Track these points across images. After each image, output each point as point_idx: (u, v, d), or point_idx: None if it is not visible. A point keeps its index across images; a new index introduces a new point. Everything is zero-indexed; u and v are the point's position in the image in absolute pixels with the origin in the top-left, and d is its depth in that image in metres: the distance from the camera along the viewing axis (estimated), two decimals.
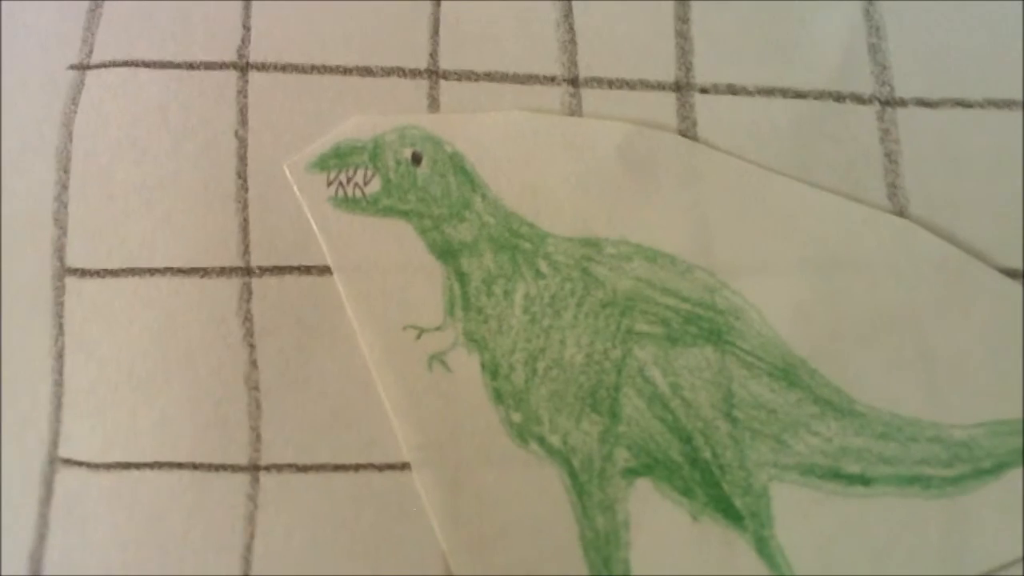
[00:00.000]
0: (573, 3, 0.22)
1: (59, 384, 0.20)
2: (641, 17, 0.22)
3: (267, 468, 0.20)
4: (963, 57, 0.22)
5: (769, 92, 0.21)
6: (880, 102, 0.21)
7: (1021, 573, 0.19)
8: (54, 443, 0.20)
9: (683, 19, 0.22)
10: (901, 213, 0.21)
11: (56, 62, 0.22)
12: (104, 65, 0.21)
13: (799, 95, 0.22)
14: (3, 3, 0.22)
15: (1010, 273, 0.21)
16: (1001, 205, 0.21)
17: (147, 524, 0.19)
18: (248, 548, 0.19)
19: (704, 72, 0.21)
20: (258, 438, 0.20)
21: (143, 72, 0.21)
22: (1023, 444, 0.20)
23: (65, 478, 0.20)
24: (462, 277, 0.20)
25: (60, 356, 0.20)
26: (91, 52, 0.22)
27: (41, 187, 0.21)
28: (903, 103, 0.21)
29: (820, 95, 0.21)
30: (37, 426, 0.20)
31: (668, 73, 0.21)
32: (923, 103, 0.22)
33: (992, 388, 0.20)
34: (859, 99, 0.22)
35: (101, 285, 0.20)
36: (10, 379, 0.20)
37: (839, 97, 0.22)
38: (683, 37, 0.22)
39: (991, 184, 0.21)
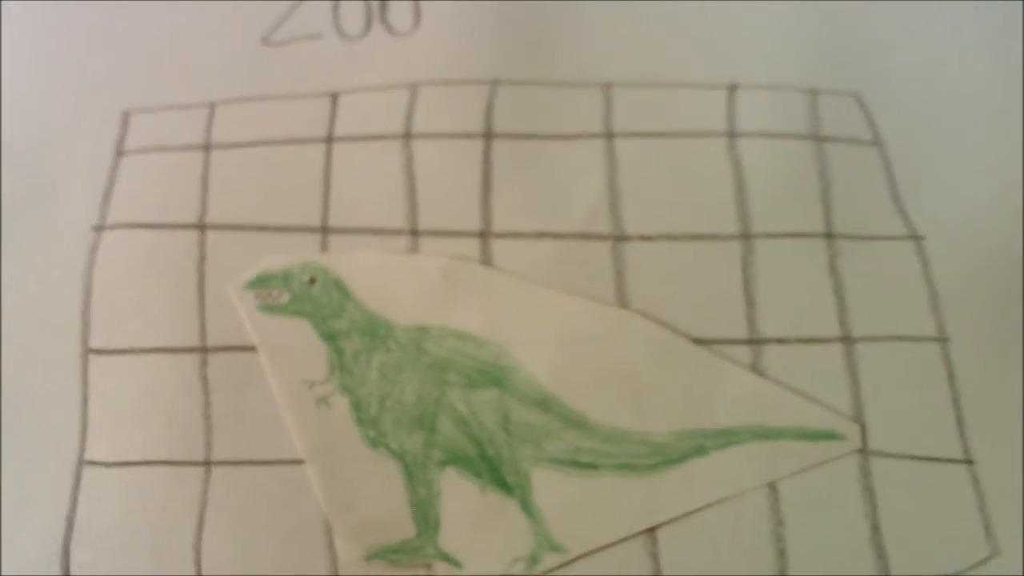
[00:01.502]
0: (417, 186, 0.41)
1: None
2: (454, 188, 0.40)
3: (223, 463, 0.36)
4: (680, 197, 0.39)
5: (540, 236, 0.40)
6: (613, 239, 0.40)
7: None
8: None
9: (487, 189, 0.40)
10: (624, 305, 0.39)
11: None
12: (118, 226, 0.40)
13: (559, 236, 0.40)
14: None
15: (703, 342, 0.38)
16: (696, 301, 0.38)
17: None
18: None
19: (500, 222, 0.40)
20: (211, 446, 0.37)
21: (145, 232, 0.40)
22: (697, 444, 0.37)
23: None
24: (339, 351, 0.37)
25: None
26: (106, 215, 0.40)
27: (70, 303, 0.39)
28: (629, 238, 0.40)
29: (573, 235, 0.40)
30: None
31: (475, 224, 0.40)
32: (644, 238, 0.40)
33: (678, 409, 0.37)
34: (600, 237, 0.40)
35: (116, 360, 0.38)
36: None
37: (586, 237, 0.40)
38: (487, 200, 0.40)
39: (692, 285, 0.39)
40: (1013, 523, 0.34)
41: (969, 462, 0.35)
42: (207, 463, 0.35)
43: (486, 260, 0.37)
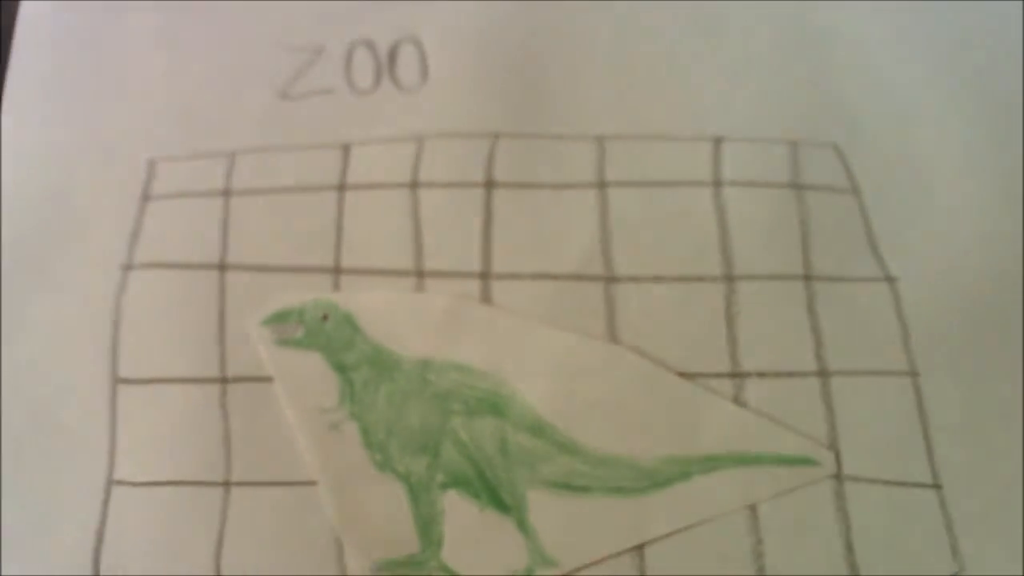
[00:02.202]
0: (422, 231, 0.45)
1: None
2: (457, 232, 0.45)
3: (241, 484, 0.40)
4: (667, 241, 0.43)
5: (537, 277, 0.44)
6: (605, 280, 0.44)
7: None
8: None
9: (487, 234, 0.45)
10: (615, 341, 0.43)
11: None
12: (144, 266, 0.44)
13: (554, 277, 0.44)
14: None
15: (688, 376, 0.42)
16: (682, 338, 0.43)
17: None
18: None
19: (499, 264, 0.44)
20: (230, 468, 0.41)
21: (170, 272, 0.44)
22: (683, 470, 0.41)
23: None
24: (350, 382, 0.41)
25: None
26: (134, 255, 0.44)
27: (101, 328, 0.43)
28: (620, 280, 0.44)
29: (568, 277, 0.44)
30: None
31: (476, 266, 0.44)
32: (633, 279, 0.44)
33: (664, 436, 0.41)
34: (593, 278, 0.44)
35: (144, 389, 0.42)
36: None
37: (580, 278, 0.44)
38: (488, 243, 0.45)
39: (678, 323, 0.43)
40: (978, 542, 0.38)
41: (937, 487, 0.38)
42: (226, 483, 0.39)
43: (486, 299, 0.41)
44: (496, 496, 0.38)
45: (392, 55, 0.46)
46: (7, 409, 0.40)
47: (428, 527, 0.37)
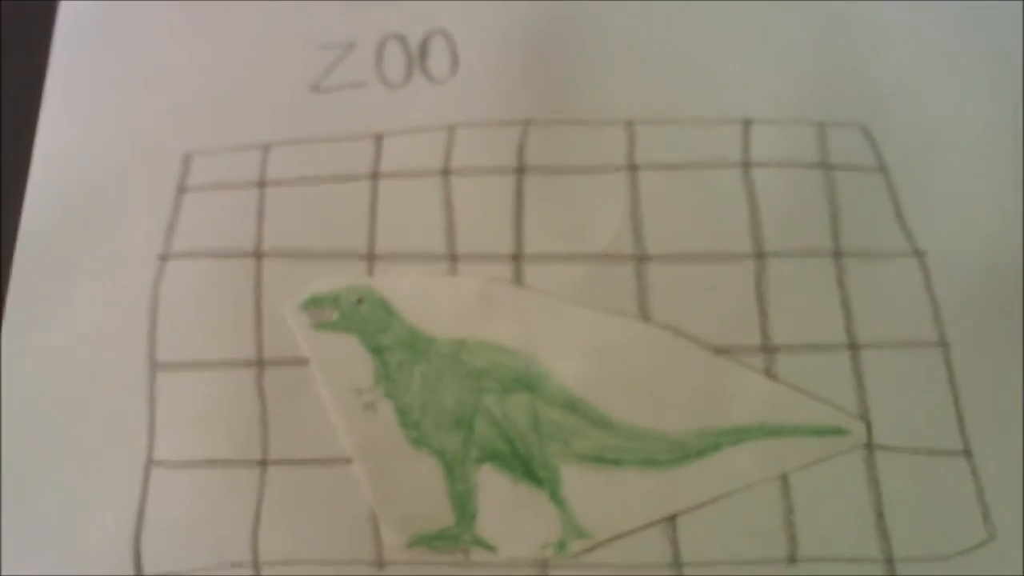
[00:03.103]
0: (455, 216, 0.48)
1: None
2: (489, 217, 0.47)
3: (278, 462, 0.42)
4: (697, 222, 0.45)
5: (568, 258, 0.47)
6: (636, 259, 0.46)
7: None
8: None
9: (519, 218, 0.47)
10: (646, 319, 0.45)
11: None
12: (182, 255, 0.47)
13: (585, 258, 0.47)
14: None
15: (720, 350, 0.45)
16: (713, 315, 0.45)
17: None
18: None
19: (531, 246, 0.45)
20: (267, 448, 0.43)
21: (207, 260, 0.47)
22: (713, 442, 0.43)
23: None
24: (385, 363, 0.43)
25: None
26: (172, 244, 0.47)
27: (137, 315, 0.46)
28: (650, 259, 0.46)
29: (598, 259, 0.46)
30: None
31: (508, 248, 0.46)
32: (664, 258, 0.46)
33: (695, 410, 0.43)
34: (624, 258, 0.46)
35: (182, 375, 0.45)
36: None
37: (611, 258, 0.46)
38: (519, 227, 0.47)
39: (709, 300, 0.45)
40: (1009, 509, 0.39)
41: (968, 454, 0.40)
42: (263, 463, 0.41)
43: (518, 281, 0.43)
44: (529, 470, 0.40)
45: (423, 48, 0.48)
46: (48, 395, 0.42)
47: (462, 501, 0.39)
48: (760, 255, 0.42)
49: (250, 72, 0.48)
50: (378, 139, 0.45)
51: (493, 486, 0.40)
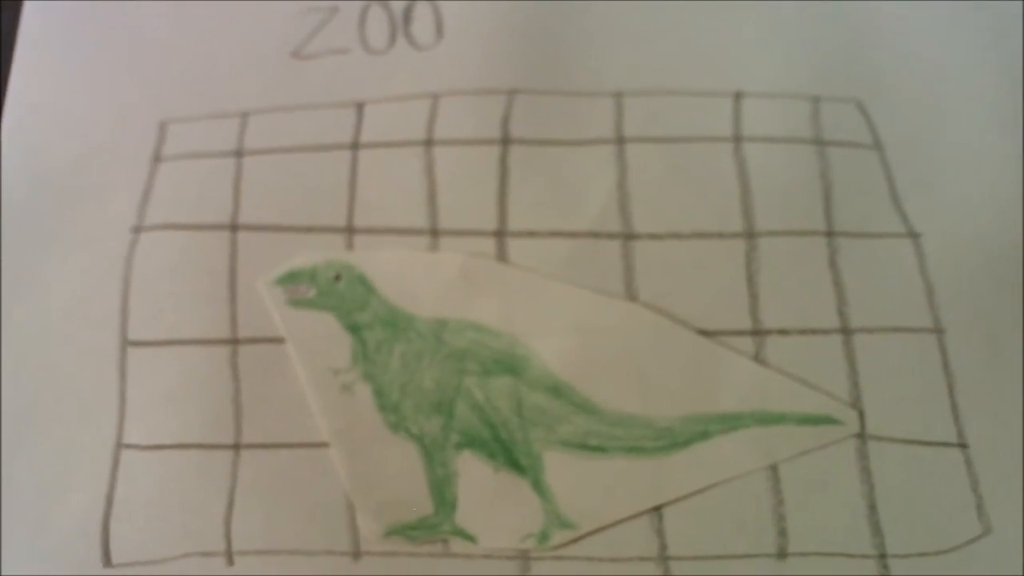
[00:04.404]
0: (437, 189, 0.43)
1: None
2: (473, 190, 0.43)
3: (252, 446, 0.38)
4: (687, 198, 0.42)
5: (553, 234, 0.43)
6: (623, 237, 0.42)
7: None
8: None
9: (503, 192, 0.43)
10: (633, 299, 0.41)
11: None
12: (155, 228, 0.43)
13: (571, 235, 0.43)
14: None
15: (708, 333, 0.40)
16: (702, 295, 0.41)
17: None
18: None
19: (515, 222, 0.42)
20: (240, 431, 0.39)
21: (181, 233, 0.43)
22: (702, 429, 0.39)
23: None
24: (363, 342, 0.40)
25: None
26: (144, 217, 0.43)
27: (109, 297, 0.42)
28: (638, 237, 0.42)
29: (585, 234, 0.42)
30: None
31: (491, 224, 0.43)
32: (652, 236, 0.42)
33: (683, 395, 0.40)
34: (611, 235, 0.42)
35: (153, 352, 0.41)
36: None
37: (598, 235, 0.42)
38: (503, 201, 0.43)
39: (698, 280, 0.41)
40: (1006, 502, 0.36)
41: (963, 446, 0.36)
42: (237, 446, 0.37)
43: (502, 257, 0.40)
44: (511, 457, 0.37)
45: (407, 14, 0.44)
46: (16, 372, 0.39)
47: (442, 489, 0.36)
48: (751, 234, 0.39)
49: (229, 37, 0.44)
50: (359, 107, 0.41)
51: (473, 474, 0.37)
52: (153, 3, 0.45)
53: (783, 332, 0.38)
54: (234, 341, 0.38)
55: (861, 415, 0.37)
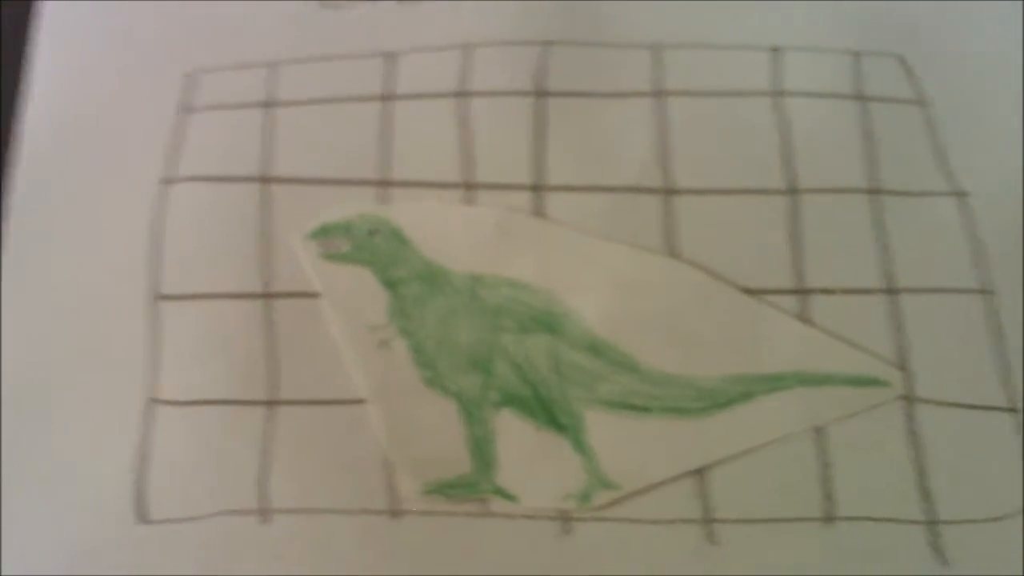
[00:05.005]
0: (472, 141, 0.42)
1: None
2: (508, 143, 0.41)
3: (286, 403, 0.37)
4: (728, 153, 0.40)
5: (591, 189, 0.41)
6: (664, 192, 0.41)
7: None
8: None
9: (541, 145, 0.41)
10: (672, 254, 0.40)
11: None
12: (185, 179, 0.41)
13: (610, 190, 0.41)
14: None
15: (751, 292, 0.39)
16: (745, 253, 0.39)
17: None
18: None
19: (553, 176, 0.41)
20: (275, 387, 0.38)
21: (211, 185, 0.41)
22: (745, 390, 0.38)
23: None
24: (399, 297, 0.38)
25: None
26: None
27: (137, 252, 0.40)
28: (679, 192, 0.41)
29: (625, 189, 0.41)
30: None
31: (527, 177, 0.41)
32: (693, 191, 0.40)
33: (726, 355, 0.38)
34: (651, 191, 0.41)
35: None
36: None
37: (637, 190, 0.41)
38: (540, 155, 0.41)
39: (740, 237, 0.40)
40: None
41: (1013, 410, 0.35)
42: (271, 403, 0.36)
43: (539, 212, 0.38)
44: (552, 416, 0.35)
45: None
46: (48, 329, 0.37)
47: (481, 447, 0.35)
48: (794, 191, 0.37)
49: None
50: (391, 58, 0.40)
51: (514, 432, 0.35)
52: None
53: (827, 291, 0.37)
54: (267, 295, 0.37)
55: (908, 377, 0.36)
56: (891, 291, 0.36)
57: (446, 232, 0.38)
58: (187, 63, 0.41)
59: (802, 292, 0.37)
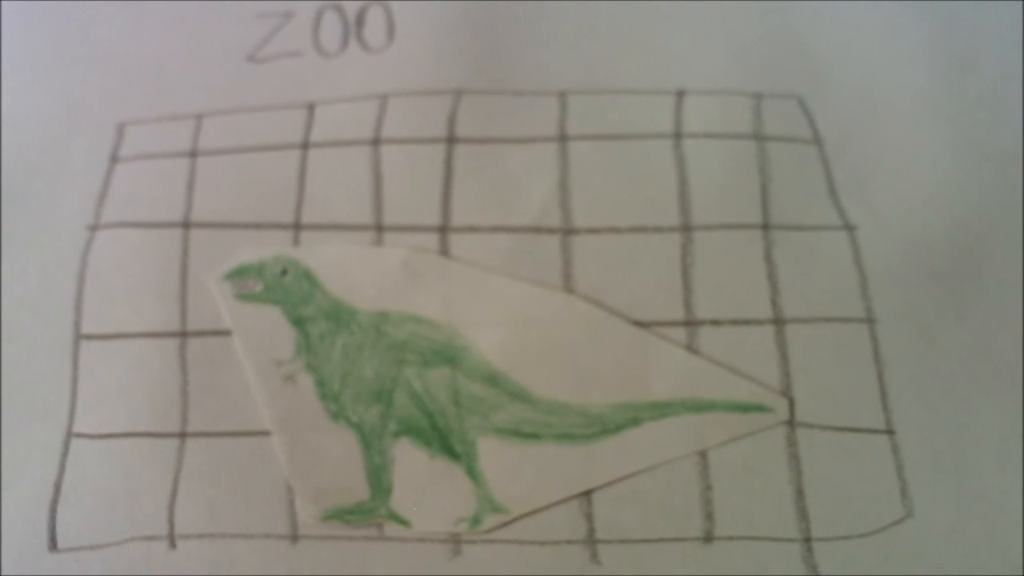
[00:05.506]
0: (383, 186, 0.44)
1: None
2: (418, 187, 0.43)
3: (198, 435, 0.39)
4: (626, 193, 0.42)
5: (495, 229, 0.43)
6: (563, 231, 0.43)
7: None
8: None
9: (447, 189, 0.43)
10: (571, 291, 0.42)
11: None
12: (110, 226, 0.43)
13: (512, 230, 0.43)
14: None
15: (643, 324, 0.40)
16: (637, 287, 0.41)
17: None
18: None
19: (458, 217, 0.42)
20: (187, 419, 0.40)
21: (135, 231, 0.43)
22: (633, 416, 0.39)
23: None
24: (307, 334, 0.40)
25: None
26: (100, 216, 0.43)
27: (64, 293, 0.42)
28: (577, 231, 0.43)
29: (526, 229, 0.43)
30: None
31: (435, 219, 0.43)
32: (590, 230, 0.42)
33: (615, 383, 0.40)
34: (551, 230, 0.43)
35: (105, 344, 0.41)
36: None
37: (538, 230, 0.43)
38: (447, 197, 0.43)
39: (634, 272, 0.41)
40: (929, 486, 0.36)
41: (890, 432, 0.36)
42: (182, 435, 0.37)
43: (444, 252, 0.40)
44: (447, 444, 0.37)
45: (360, 17, 0.44)
46: None
47: (379, 475, 0.36)
48: (687, 228, 0.39)
49: (186, 42, 0.44)
50: (310, 108, 0.42)
51: (410, 460, 0.37)
52: (110, 8, 0.45)
53: (716, 323, 0.38)
54: (183, 334, 0.39)
55: (791, 403, 0.37)
56: (778, 321, 0.38)
57: (354, 271, 0.39)
58: (119, 114, 0.43)
59: (691, 324, 0.38)
